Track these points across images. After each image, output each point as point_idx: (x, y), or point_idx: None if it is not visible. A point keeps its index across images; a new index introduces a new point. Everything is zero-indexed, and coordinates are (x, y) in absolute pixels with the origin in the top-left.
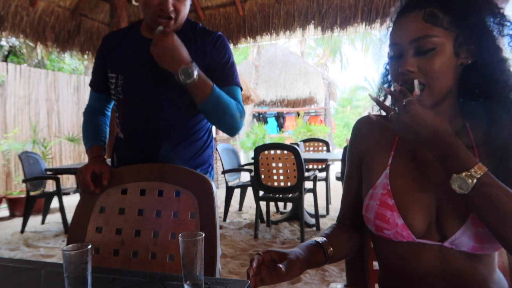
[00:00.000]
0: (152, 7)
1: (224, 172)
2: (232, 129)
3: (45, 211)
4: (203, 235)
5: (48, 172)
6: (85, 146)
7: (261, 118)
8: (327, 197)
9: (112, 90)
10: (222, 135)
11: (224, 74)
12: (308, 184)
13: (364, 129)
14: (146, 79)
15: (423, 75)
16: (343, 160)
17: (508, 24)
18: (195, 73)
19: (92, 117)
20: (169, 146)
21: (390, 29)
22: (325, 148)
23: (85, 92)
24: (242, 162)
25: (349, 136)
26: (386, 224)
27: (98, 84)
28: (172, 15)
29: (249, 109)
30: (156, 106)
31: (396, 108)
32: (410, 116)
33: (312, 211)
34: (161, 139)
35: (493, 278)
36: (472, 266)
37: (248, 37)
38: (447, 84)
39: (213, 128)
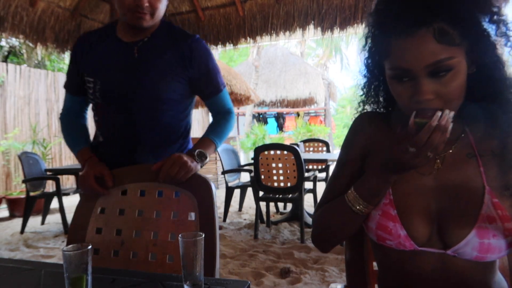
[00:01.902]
0: (128, 4)
1: (224, 172)
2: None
3: (45, 211)
4: (203, 235)
5: (48, 173)
6: (73, 150)
7: (261, 118)
8: None
9: (90, 95)
10: None
11: (208, 82)
12: (308, 185)
13: (366, 127)
14: (124, 84)
15: (441, 99)
16: None
17: (507, 24)
18: (207, 159)
19: (72, 121)
20: (146, 147)
21: (374, 38)
22: (325, 148)
23: None
24: (242, 163)
25: None
26: (388, 235)
27: (74, 87)
28: (148, 11)
29: (249, 110)
30: (135, 110)
31: None
32: None
33: (312, 212)
34: (139, 141)
35: (494, 280)
36: (473, 269)
37: (248, 38)
38: (461, 100)
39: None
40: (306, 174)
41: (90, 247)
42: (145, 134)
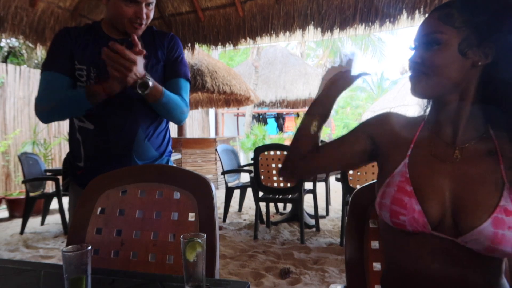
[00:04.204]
0: (127, 15)
1: (223, 173)
2: (179, 121)
3: (45, 212)
4: (205, 236)
5: (48, 173)
6: (78, 98)
7: (260, 119)
8: (326, 198)
9: (83, 82)
10: (221, 135)
11: (174, 68)
12: (308, 185)
13: (387, 125)
14: None
15: (425, 66)
16: None
17: None
18: (150, 84)
19: (56, 91)
20: (144, 132)
21: None
22: None
23: None
24: (242, 163)
25: None
26: (403, 209)
27: (64, 67)
28: (145, 22)
29: (249, 110)
30: (133, 96)
31: None
32: None
33: (312, 212)
34: (137, 126)
35: (499, 283)
36: (480, 271)
37: (248, 38)
38: (449, 79)
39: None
40: None
41: (90, 247)
42: (141, 118)
